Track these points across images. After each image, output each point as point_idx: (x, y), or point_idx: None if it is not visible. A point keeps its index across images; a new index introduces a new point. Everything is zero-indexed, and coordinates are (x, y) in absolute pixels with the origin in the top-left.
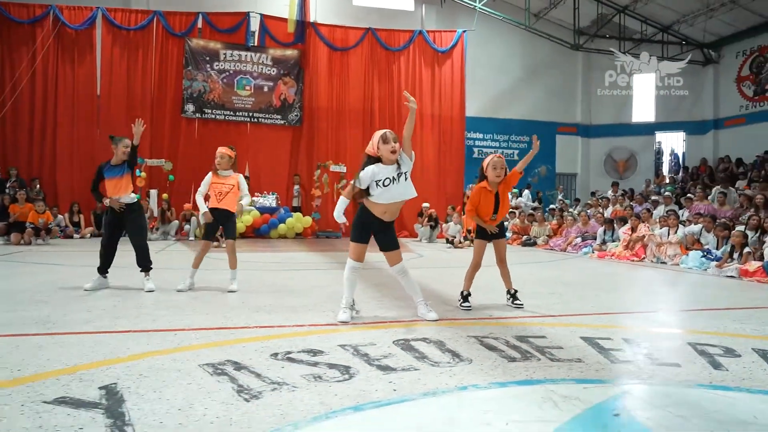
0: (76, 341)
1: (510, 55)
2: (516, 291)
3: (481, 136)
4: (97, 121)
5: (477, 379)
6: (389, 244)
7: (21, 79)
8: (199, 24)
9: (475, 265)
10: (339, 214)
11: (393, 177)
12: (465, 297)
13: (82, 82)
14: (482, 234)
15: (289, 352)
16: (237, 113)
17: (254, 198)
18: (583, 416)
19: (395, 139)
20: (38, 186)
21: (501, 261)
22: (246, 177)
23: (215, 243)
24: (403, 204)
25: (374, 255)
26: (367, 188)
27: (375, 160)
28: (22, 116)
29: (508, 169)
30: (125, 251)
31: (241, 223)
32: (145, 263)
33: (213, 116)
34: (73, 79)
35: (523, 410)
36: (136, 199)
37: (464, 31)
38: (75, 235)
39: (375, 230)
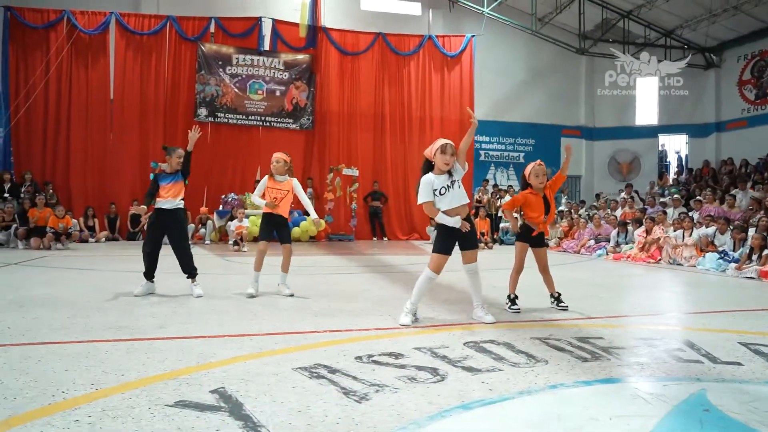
0: (162, 347)
1: (515, 58)
2: (560, 294)
3: (487, 139)
4: (110, 125)
5: (562, 378)
6: (470, 243)
7: (35, 84)
8: (212, 29)
9: (518, 268)
10: (447, 219)
11: (447, 185)
12: (512, 300)
13: (96, 86)
14: (524, 237)
15: (371, 355)
16: (249, 117)
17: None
18: (677, 412)
19: (453, 153)
20: (51, 190)
21: (543, 269)
22: (257, 181)
23: (236, 247)
24: (467, 206)
25: (402, 258)
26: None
27: (429, 164)
28: (36, 121)
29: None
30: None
31: (255, 227)
32: (190, 269)
33: (225, 120)
34: (86, 83)
35: (618, 406)
36: (181, 206)
37: (473, 36)
38: (90, 239)
39: (460, 236)
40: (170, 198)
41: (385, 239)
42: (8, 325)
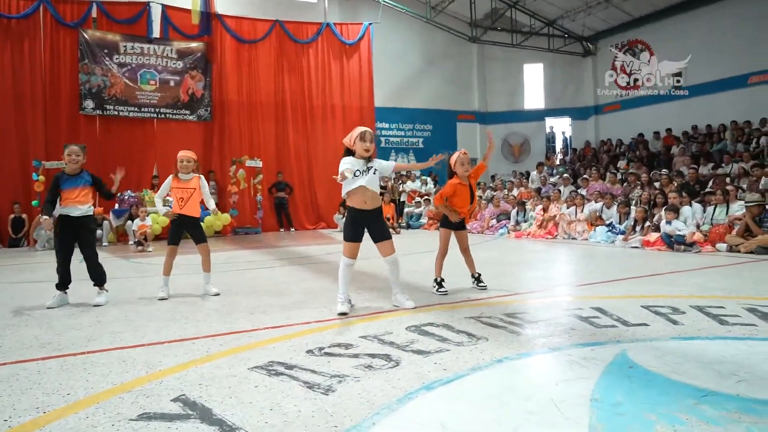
0: (99, 360)
1: (411, 46)
2: (480, 274)
3: (387, 125)
4: None
5: (506, 352)
6: (382, 234)
7: None
8: (94, 13)
9: (443, 253)
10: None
11: (362, 170)
12: (439, 283)
13: None
14: (447, 223)
15: (322, 348)
16: (142, 109)
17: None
18: (609, 372)
19: (372, 139)
20: None
21: (464, 250)
22: (155, 177)
23: (140, 248)
24: (377, 193)
25: (316, 248)
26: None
27: (350, 152)
28: None
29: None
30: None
31: (157, 225)
32: (101, 277)
33: (116, 113)
34: None
35: (560, 372)
36: (92, 212)
37: (370, 24)
38: None
39: (366, 224)
40: (77, 203)
41: (293, 230)
42: None
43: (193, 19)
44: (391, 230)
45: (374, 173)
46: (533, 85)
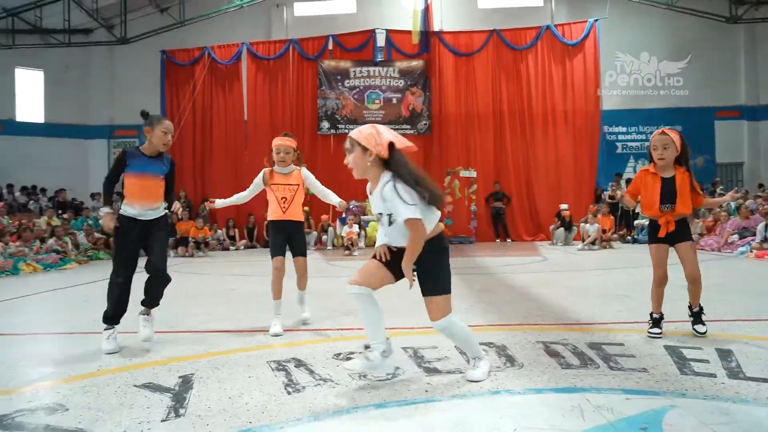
0: (183, 338)
1: (650, 38)
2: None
3: (624, 129)
4: (245, 144)
5: (514, 385)
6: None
7: (184, 112)
8: (330, 46)
9: (658, 279)
10: None
11: None
12: (655, 321)
13: (232, 110)
14: (655, 236)
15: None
16: None
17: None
18: (605, 428)
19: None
20: (205, 207)
21: (691, 279)
22: None
23: (347, 252)
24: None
25: (500, 260)
26: None
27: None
28: (186, 145)
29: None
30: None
31: (374, 231)
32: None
33: (346, 131)
34: (224, 108)
35: (542, 417)
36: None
37: (596, 20)
38: (231, 248)
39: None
40: (151, 201)
41: (509, 240)
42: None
43: (414, 39)
44: (605, 243)
45: None
46: None
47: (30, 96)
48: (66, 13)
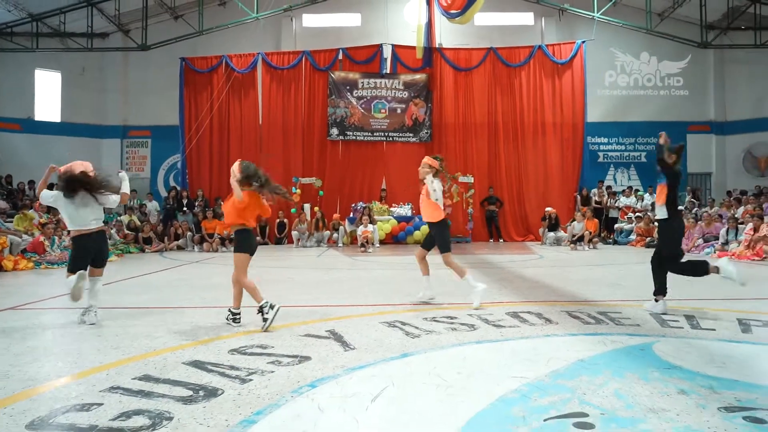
0: (303, 312)
1: (630, 58)
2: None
3: (605, 140)
4: (260, 146)
5: (558, 331)
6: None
7: (203, 117)
8: (340, 58)
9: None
10: None
11: None
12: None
13: (247, 115)
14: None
15: (434, 317)
16: (374, 134)
17: (392, 208)
18: (619, 350)
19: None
20: (221, 204)
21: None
22: (383, 190)
23: (362, 249)
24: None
25: (500, 257)
26: None
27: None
28: (204, 147)
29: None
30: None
31: (382, 232)
32: None
33: (354, 137)
34: (240, 113)
35: (581, 347)
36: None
37: (583, 42)
38: None
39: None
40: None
41: (501, 240)
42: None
43: (418, 54)
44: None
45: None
46: None
47: (48, 96)
48: (89, 19)
